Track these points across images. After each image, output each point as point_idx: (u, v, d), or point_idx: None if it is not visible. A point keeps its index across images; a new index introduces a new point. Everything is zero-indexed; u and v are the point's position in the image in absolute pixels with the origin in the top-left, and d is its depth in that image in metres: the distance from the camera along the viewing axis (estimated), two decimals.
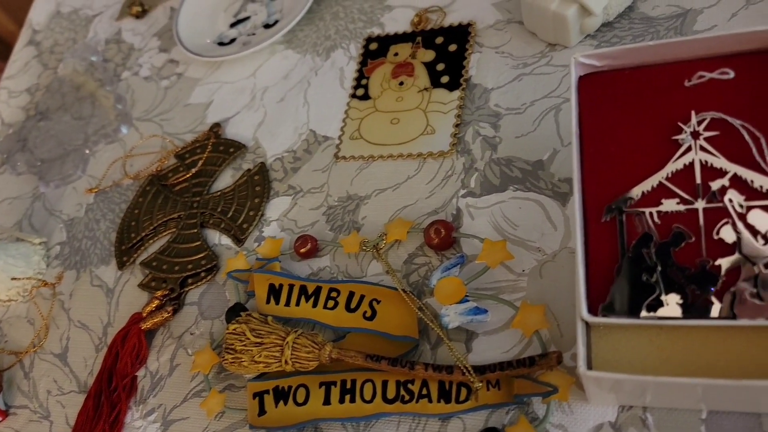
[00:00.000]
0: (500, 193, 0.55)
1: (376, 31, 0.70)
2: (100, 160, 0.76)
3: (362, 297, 0.52)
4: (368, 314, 0.51)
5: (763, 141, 0.38)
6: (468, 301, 0.49)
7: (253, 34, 0.75)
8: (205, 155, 0.68)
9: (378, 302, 0.52)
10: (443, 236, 0.52)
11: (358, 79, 0.67)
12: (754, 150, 0.38)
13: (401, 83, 0.64)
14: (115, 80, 0.82)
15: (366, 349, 0.50)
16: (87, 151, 0.76)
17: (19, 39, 0.96)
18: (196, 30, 0.78)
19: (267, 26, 0.75)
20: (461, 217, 0.55)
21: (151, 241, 0.66)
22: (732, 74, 0.39)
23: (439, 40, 0.65)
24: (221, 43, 0.76)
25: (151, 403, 0.57)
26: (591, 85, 0.44)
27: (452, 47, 0.64)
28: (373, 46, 0.68)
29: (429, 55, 0.65)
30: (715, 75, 0.40)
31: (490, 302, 0.49)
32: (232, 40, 0.76)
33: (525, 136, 0.56)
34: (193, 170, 0.68)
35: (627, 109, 0.43)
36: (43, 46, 0.92)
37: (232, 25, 0.78)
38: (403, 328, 0.50)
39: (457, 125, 0.59)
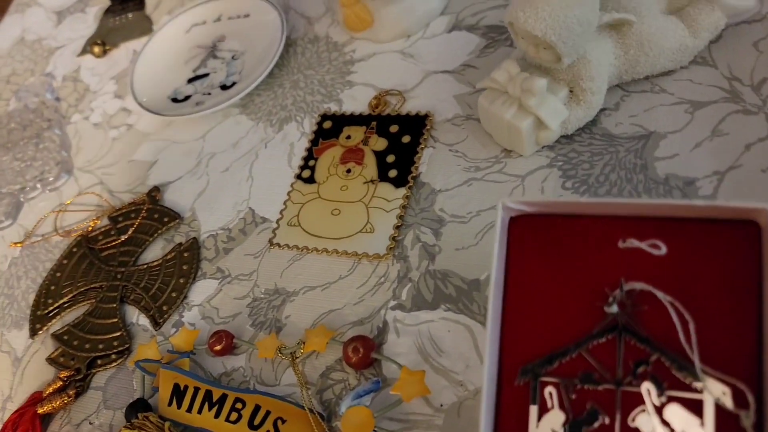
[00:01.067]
0: (431, 311, 0.51)
1: (333, 107, 0.67)
2: (34, 209, 0.72)
3: (268, 413, 0.48)
4: None
5: (691, 325, 0.35)
6: None
7: (209, 93, 0.72)
8: (137, 221, 0.64)
9: (283, 422, 0.48)
10: (361, 356, 0.48)
11: (306, 159, 0.63)
12: (681, 334, 0.35)
13: (349, 170, 0.61)
14: (64, 123, 0.78)
15: None
16: (22, 198, 0.73)
17: None
18: (153, 81, 0.75)
19: (224, 87, 0.72)
20: (386, 332, 0.51)
21: (68, 310, 0.62)
22: (664, 249, 0.36)
23: (394, 128, 0.62)
24: (175, 99, 0.73)
25: None
26: (523, 228, 0.41)
27: (405, 138, 0.61)
28: (327, 124, 0.65)
29: (381, 143, 0.61)
30: (645, 246, 0.36)
31: None
32: (187, 98, 0.73)
33: (465, 249, 0.53)
34: (123, 237, 0.64)
35: (558, 262, 0.39)
36: (1, 74, 0.89)
37: (190, 81, 0.75)
38: None
39: (397, 227, 0.56)
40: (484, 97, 0.55)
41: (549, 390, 0.36)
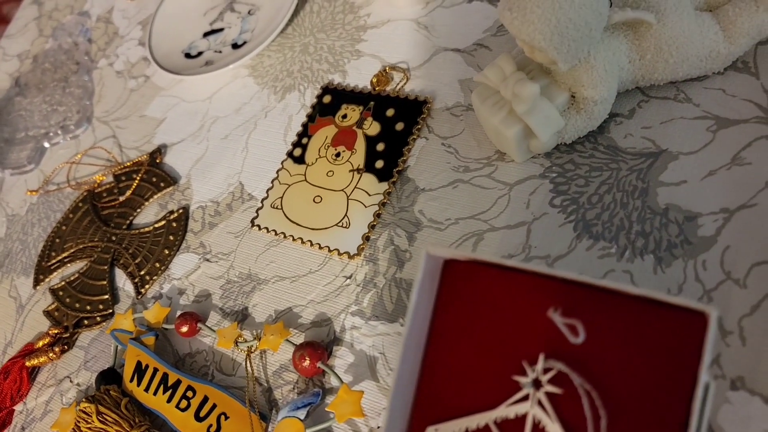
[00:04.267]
0: (389, 324, 0.49)
1: (338, 78, 0.63)
2: (55, 156, 0.74)
3: (214, 406, 0.49)
4: (213, 429, 0.48)
5: (603, 420, 0.31)
6: None
7: (220, 51, 0.70)
8: (136, 182, 0.65)
9: (227, 418, 0.48)
10: (308, 365, 0.47)
11: (300, 136, 0.61)
12: (590, 428, 0.31)
13: (338, 154, 0.58)
14: (91, 67, 0.79)
15: None
16: (46, 143, 0.75)
17: None
18: (172, 33, 0.73)
19: (235, 46, 0.69)
20: (342, 339, 0.49)
21: (68, 265, 0.64)
22: (582, 337, 0.31)
23: (390, 112, 0.57)
24: (188, 55, 0.71)
25: None
26: (456, 274, 0.37)
27: (399, 126, 0.56)
28: (327, 98, 0.61)
29: (375, 127, 0.57)
30: (564, 329, 0.32)
31: None
32: (199, 54, 0.71)
33: None
34: (122, 198, 0.65)
35: (485, 317, 0.36)
36: (45, 9, 0.90)
37: (206, 34, 0.72)
38: None
39: (372, 225, 0.53)
40: (477, 93, 0.50)
41: None
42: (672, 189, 0.45)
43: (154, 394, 0.51)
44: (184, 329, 0.53)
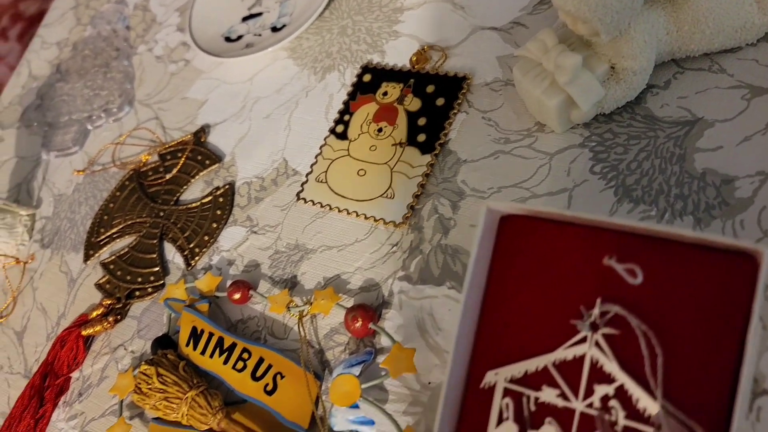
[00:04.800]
0: (435, 287, 0.51)
1: (376, 58, 0.65)
2: (99, 137, 0.77)
3: (270, 367, 0.51)
4: (269, 388, 0.50)
5: (660, 358, 0.33)
6: (358, 407, 0.47)
7: (260, 35, 0.72)
8: (182, 161, 0.67)
9: (282, 377, 0.51)
10: (360, 325, 0.50)
11: (342, 113, 0.63)
12: (647, 365, 0.33)
13: (380, 129, 0.60)
14: (131, 53, 0.81)
15: (260, 423, 0.50)
16: (89, 126, 0.77)
17: None
18: (210, 18, 0.75)
19: (274, 29, 0.72)
20: (391, 302, 0.52)
21: (117, 240, 0.67)
22: (640, 278, 0.33)
23: (430, 88, 0.60)
24: (228, 39, 0.74)
25: (76, 408, 0.59)
26: (512, 229, 0.39)
27: (440, 101, 0.59)
28: (367, 77, 0.64)
29: (416, 103, 0.60)
30: (623, 272, 0.34)
31: (380, 415, 0.47)
32: (239, 37, 0.73)
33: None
34: (168, 176, 0.67)
35: (541, 268, 0.38)
36: None
37: (244, 19, 0.75)
38: (296, 413, 0.49)
39: (417, 195, 0.55)
40: (519, 67, 0.52)
41: (506, 401, 0.36)
42: (708, 154, 0.47)
43: (210, 356, 0.54)
44: (237, 296, 0.56)
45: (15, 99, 0.87)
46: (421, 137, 0.58)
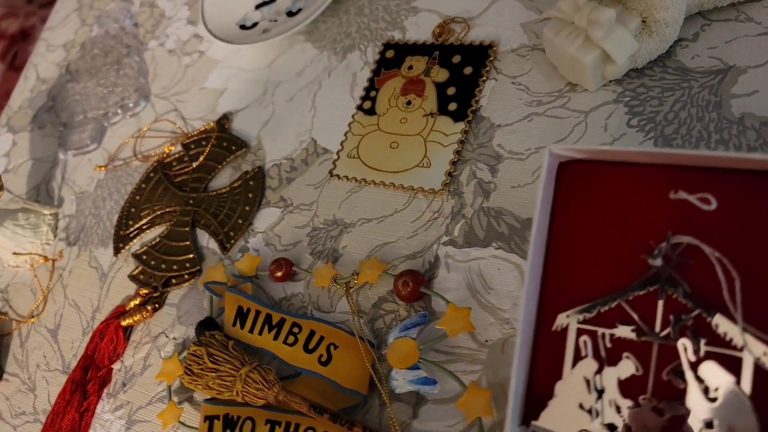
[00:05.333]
0: (482, 249, 0.51)
1: (397, 35, 0.66)
2: (116, 134, 0.76)
3: (321, 338, 0.51)
4: (323, 359, 0.50)
5: (737, 282, 0.33)
6: (419, 368, 0.47)
7: (275, 20, 0.72)
8: (208, 149, 0.67)
9: (336, 347, 0.51)
10: (411, 290, 0.50)
11: (367, 90, 0.63)
12: (725, 290, 0.34)
13: (409, 102, 0.60)
14: (142, 49, 0.81)
15: (315, 394, 0.50)
16: (105, 123, 0.77)
17: None
18: (223, 7, 0.75)
19: (290, 13, 0.72)
20: (438, 267, 0.52)
21: (147, 232, 0.66)
22: (714, 204, 0.34)
23: (456, 59, 0.60)
24: (243, 26, 0.74)
25: (120, 398, 0.59)
26: (572, 174, 0.40)
27: (468, 70, 0.59)
28: (390, 53, 0.64)
29: (443, 74, 0.60)
30: (695, 200, 0.35)
31: (442, 373, 0.47)
32: (255, 24, 0.73)
33: (521, 187, 0.52)
34: (195, 164, 0.67)
35: (605, 210, 0.38)
36: (84, 0, 0.92)
37: (258, 6, 0.75)
38: (354, 381, 0.49)
39: (454, 162, 0.55)
40: (550, 27, 0.52)
41: (584, 339, 0.37)
42: (744, 100, 0.48)
43: (260, 334, 0.54)
44: (279, 273, 0.56)
45: (25, 103, 0.86)
46: (452, 106, 0.58)
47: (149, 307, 0.61)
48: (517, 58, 0.58)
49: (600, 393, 0.36)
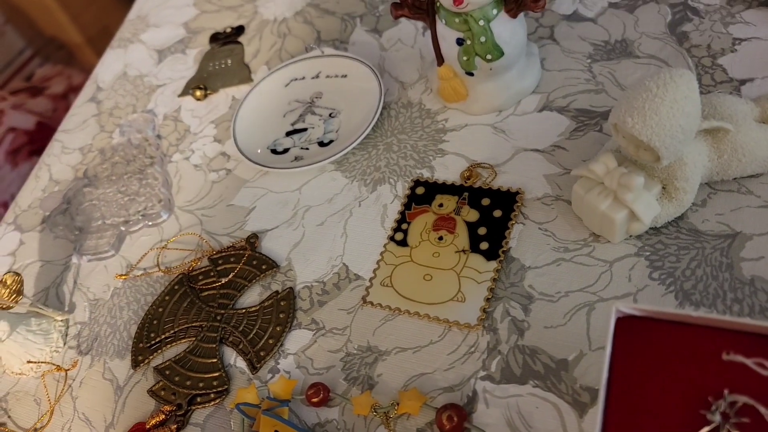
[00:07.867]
0: (520, 386, 0.54)
1: (426, 173, 0.71)
2: (136, 242, 0.77)
3: None
4: None
5: None
6: None
7: (307, 148, 0.77)
8: (239, 266, 0.69)
9: None
10: (455, 424, 0.52)
11: (399, 222, 0.68)
12: None
13: (440, 238, 0.65)
14: (166, 161, 0.84)
15: None
16: (125, 231, 0.78)
17: (82, 92, 0.99)
18: (253, 131, 0.80)
19: (321, 144, 0.77)
20: (476, 401, 0.55)
21: (169, 346, 0.66)
22: None
23: (486, 201, 0.66)
24: (274, 151, 0.78)
25: None
26: (629, 329, 0.44)
27: (497, 213, 0.64)
28: (420, 190, 0.69)
29: (473, 215, 0.65)
30: (752, 364, 0.39)
31: None
32: (286, 150, 0.78)
33: (554, 328, 0.56)
34: (224, 280, 0.69)
35: (661, 367, 0.42)
36: (104, 107, 0.95)
37: (288, 134, 0.80)
38: None
39: (488, 299, 0.59)
40: (580, 185, 0.59)
41: None
42: (753, 263, 0.55)
43: None
44: (316, 399, 0.57)
45: (35, 202, 0.86)
46: (484, 245, 0.63)
47: (173, 426, 0.60)
48: (543, 206, 0.64)
49: None
